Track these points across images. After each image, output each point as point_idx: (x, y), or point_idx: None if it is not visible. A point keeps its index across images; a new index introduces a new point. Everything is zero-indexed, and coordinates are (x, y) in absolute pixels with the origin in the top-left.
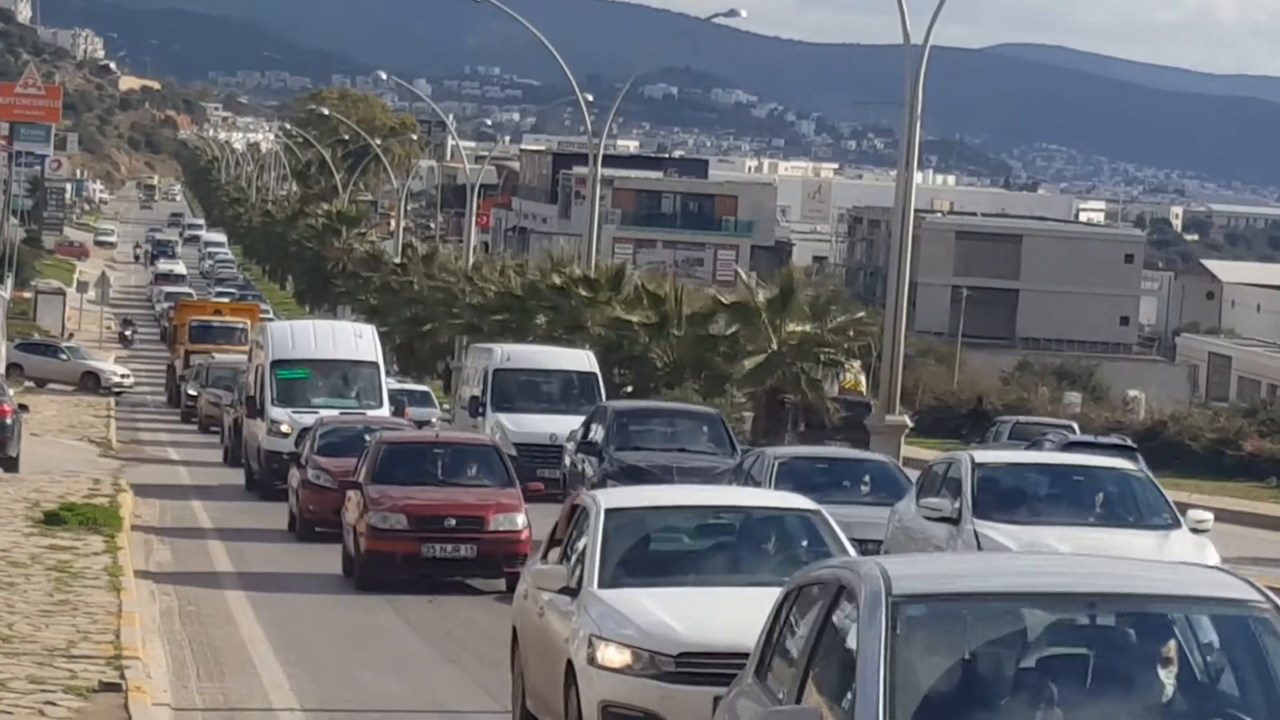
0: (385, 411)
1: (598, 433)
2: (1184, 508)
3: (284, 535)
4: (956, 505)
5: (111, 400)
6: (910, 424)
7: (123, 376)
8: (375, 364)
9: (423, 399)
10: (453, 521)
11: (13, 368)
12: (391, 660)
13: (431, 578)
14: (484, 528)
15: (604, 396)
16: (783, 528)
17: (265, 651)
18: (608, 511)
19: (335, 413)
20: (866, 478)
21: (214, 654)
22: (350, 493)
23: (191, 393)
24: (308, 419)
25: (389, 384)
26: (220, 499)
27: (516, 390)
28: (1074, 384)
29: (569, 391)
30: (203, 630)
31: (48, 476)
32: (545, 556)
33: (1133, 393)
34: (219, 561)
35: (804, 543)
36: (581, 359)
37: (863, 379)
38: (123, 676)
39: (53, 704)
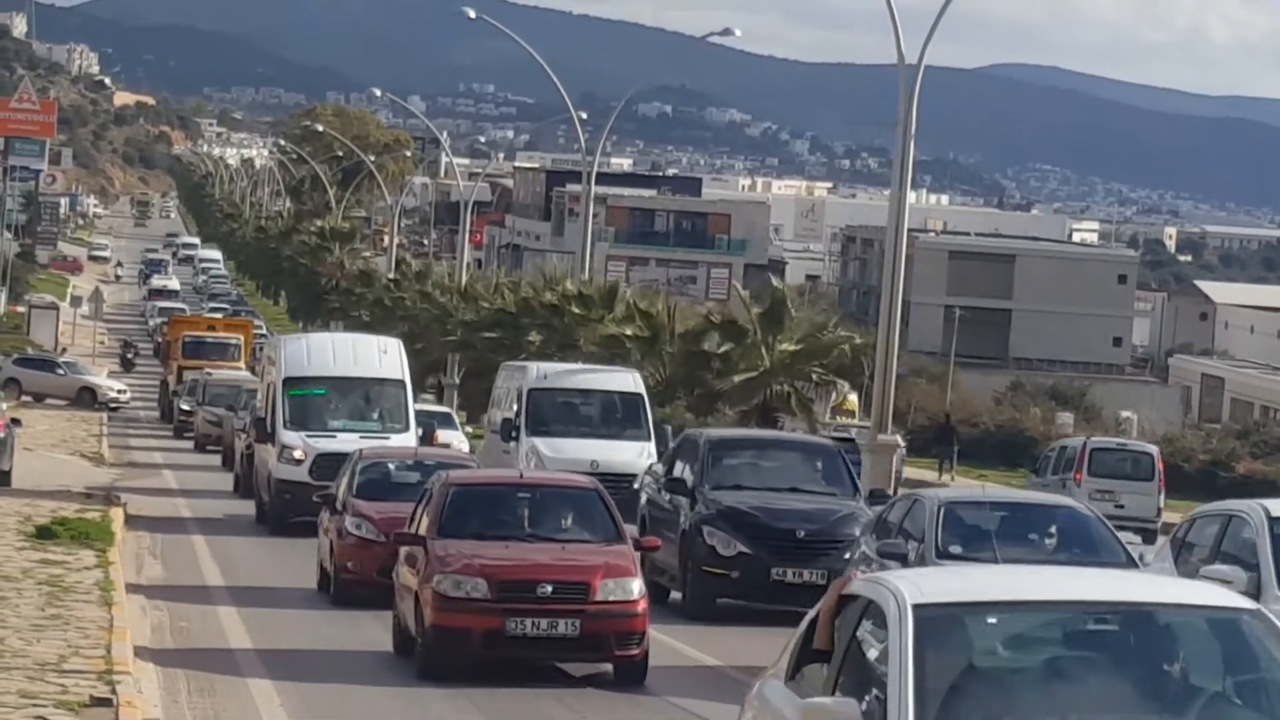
0: (412, 437)
1: (685, 468)
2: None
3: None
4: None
5: (104, 416)
6: (902, 443)
7: (119, 392)
8: (401, 382)
9: (444, 420)
10: (548, 589)
11: (10, 382)
12: None
13: (520, 661)
14: (589, 597)
15: (651, 420)
16: (1200, 636)
17: (256, 666)
18: (919, 613)
19: (370, 441)
20: (1053, 528)
21: (206, 669)
22: (406, 549)
23: (185, 408)
24: (324, 443)
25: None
26: (225, 533)
27: (554, 412)
28: (1066, 404)
29: (611, 414)
30: (194, 646)
31: (40, 490)
32: (796, 672)
33: (1125, 414)
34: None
35: (1229, 662)
36: (626, 379)
37: (854, 398)
38: (114, 691)
39: (44, 719)
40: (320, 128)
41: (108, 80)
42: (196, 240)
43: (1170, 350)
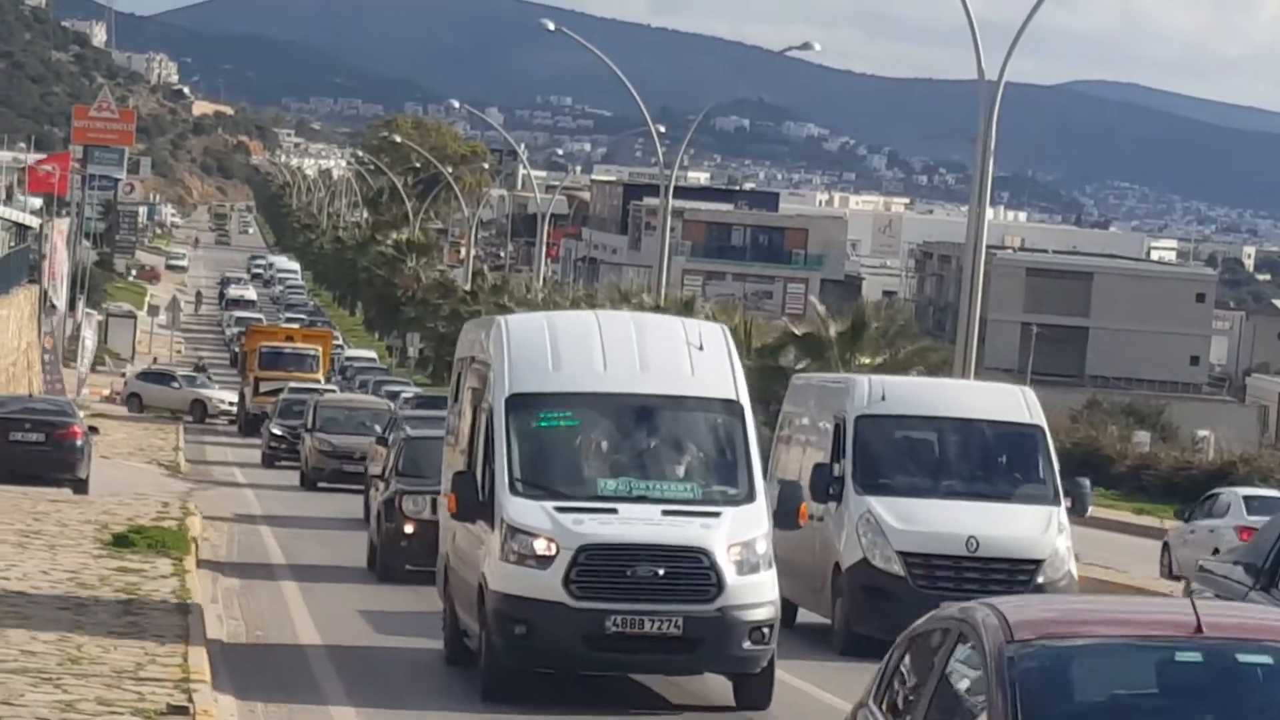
0: (763, 509)
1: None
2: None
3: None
4: None
5: (180, 427)
6: None
7: (230, 404)
8: (735, 405)
9: None
10: None
11: (132, 397)
12: None
13: None
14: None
15: (1057, 468)
16: None
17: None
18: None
19: (682, 521)
20: None
21: (281, 678)
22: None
23: (276, 432)
24: (593, 526)
25: None
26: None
27: (898, 457)
28: (1143, 423)
29: (992, 460)
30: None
31: (116, 499)
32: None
33: (1202, 433)
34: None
35: None
36: (1014, 402)
37: None
38: (190, 700)
39: None
40: (398, 139)
41: (186, 90)
42: (296, 268)
43: (1248, 369)
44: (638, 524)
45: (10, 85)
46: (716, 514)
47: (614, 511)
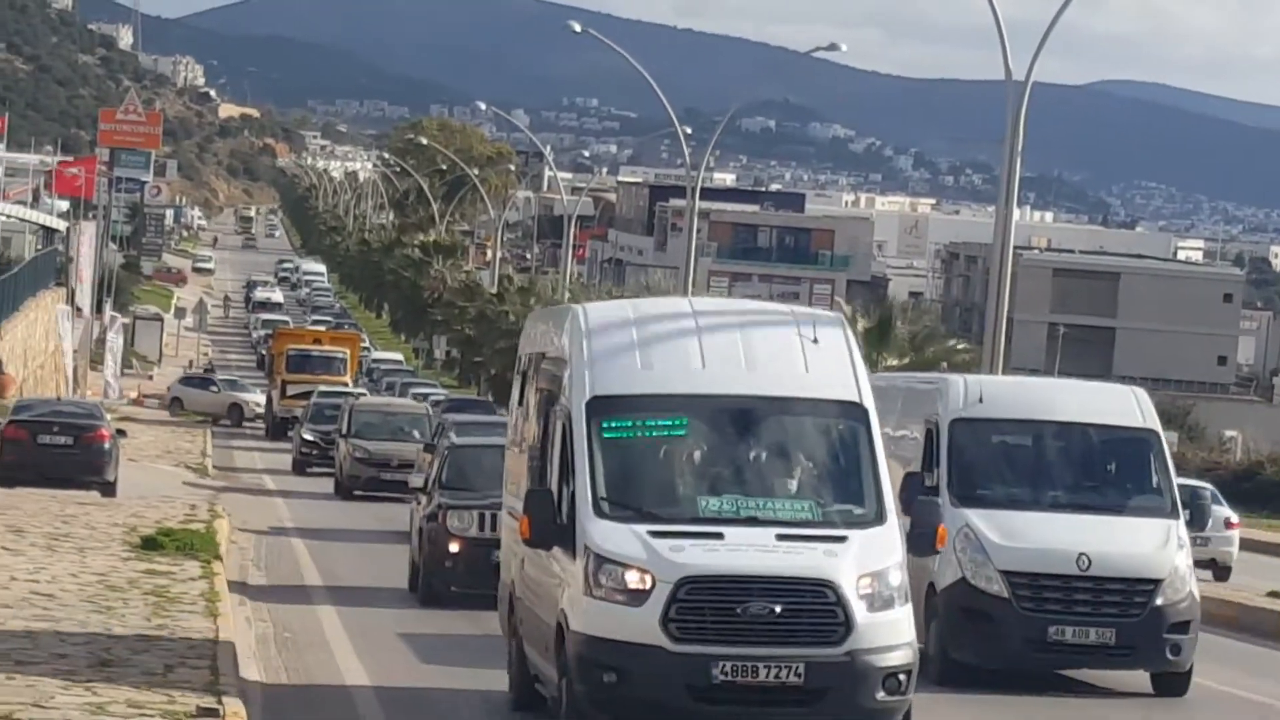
0: (895, 532)
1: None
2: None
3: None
4: None
5: (208, 431)
6: None
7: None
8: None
9: None
10: None
11: (175, 401)
12: None
13: None
14: None
15: (1174, 477)
16: None
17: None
18: None
19: (800, 550)
20: None
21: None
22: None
23: (308, 437)
24: (697, 555)
25: None
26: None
27: (996, 465)
28: (1170, 423)
29: (1100, 467)
30: (299, 657)
31: (144, 501)
32: None
33: (1229, 433)
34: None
35: None
36: (1124, 403)
37: None
38: (220, 702)
39: None
40: (424, 141)
41: (213, 92)
42: (321, 270)
43: (1275, 369)
44: (749, 551)
45: (37, 88)
46: (841, 538)
47: (719, 536)
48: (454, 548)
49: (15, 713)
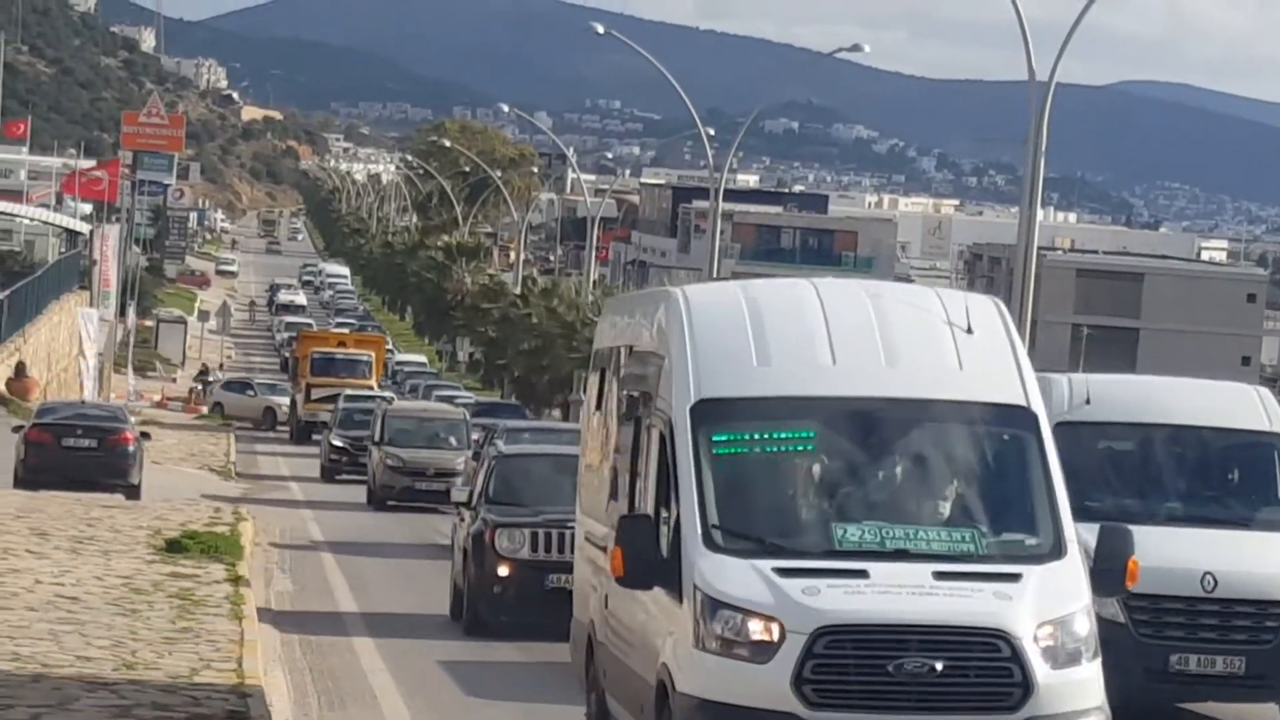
0: (1078, 567)
1: None
2: None
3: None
4: None
5: (231, 435)
6: None
7: None
8: (1019, 410)
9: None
10: None
11: (216, 405)
12: None
13: None
14: None
15: None
16: None
17: (385, 681)
18: None
19: (956, 591)
20: None
21: (335, 683)
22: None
23: (337, 443)
24: (836, 598)
25: None
26: None
27: (1106, 473)
28: None
29: (1223, 476)
30: (323, 659)
31: (169, 504)
32: None
33: None
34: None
35: None
36: (1247, 404)
37: None
38: (246, 704)
39: None
40: (447, 143)
41: (235, 95)
42: (346, 273)
43: None
44: (901, 593)
45: (60, 91)
46: (1014, 577)
47: (863, 575)
48: (503, 571)
49: (41, 716)
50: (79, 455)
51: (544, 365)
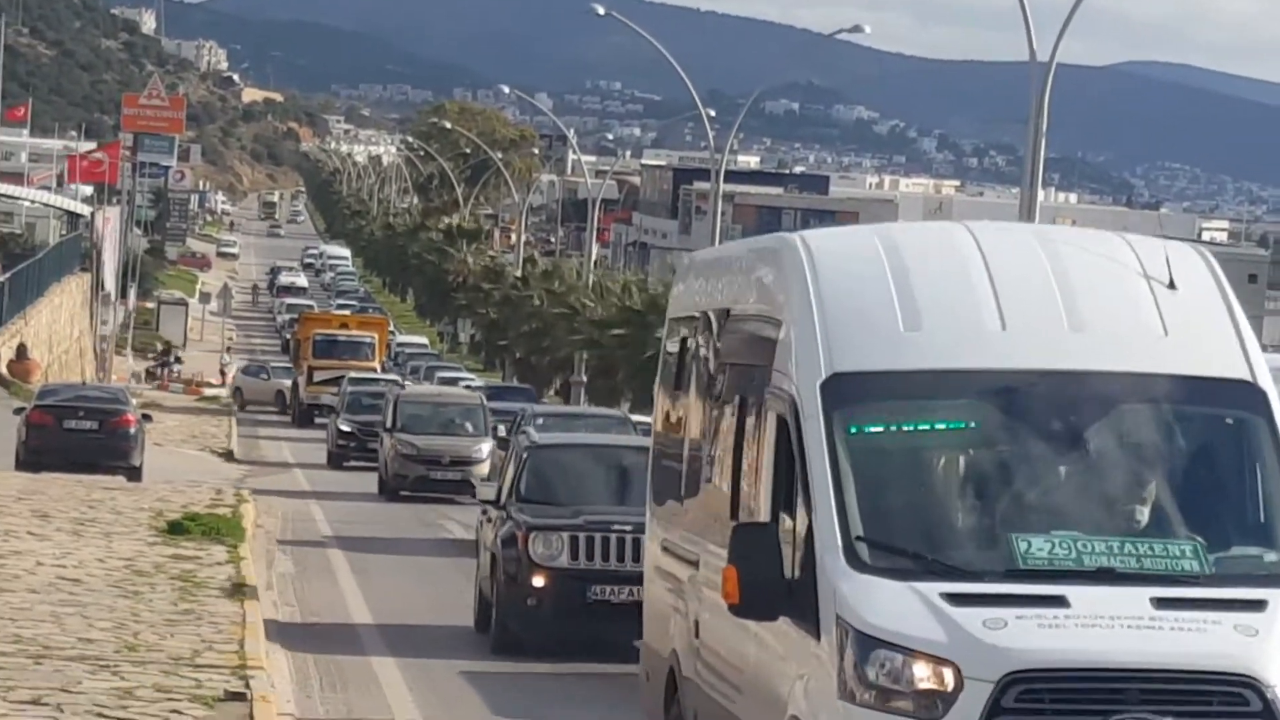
0: None
1: None
2: None
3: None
4: None
5: (233, 420)
6: None
7: None
8: (1242, 386)
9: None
10: None
11: (237, 391)
12: None
13: None
14: None
15: None
16: None
17: (389, 665)
18: None
19: (1182, 623)
20: None
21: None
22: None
23: (345, 428)
24: (1029, 633)
25: None
26: None
27: None
28: None
29: None
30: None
31: (170, 486)
32: None
33: None
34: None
35: None
36: None
37: None
38: (248, 686)
39: (179, 713)
40: (448, 125)
41: (236, 77)
42: (346, 254)
43: None
44: (1114, 627)
45: (60, 74)
46: (1257, 604)
47: (1060, 602)
48: (539, 581)
49: (43, 697)
50: (80, 437)
51: (545, 347)
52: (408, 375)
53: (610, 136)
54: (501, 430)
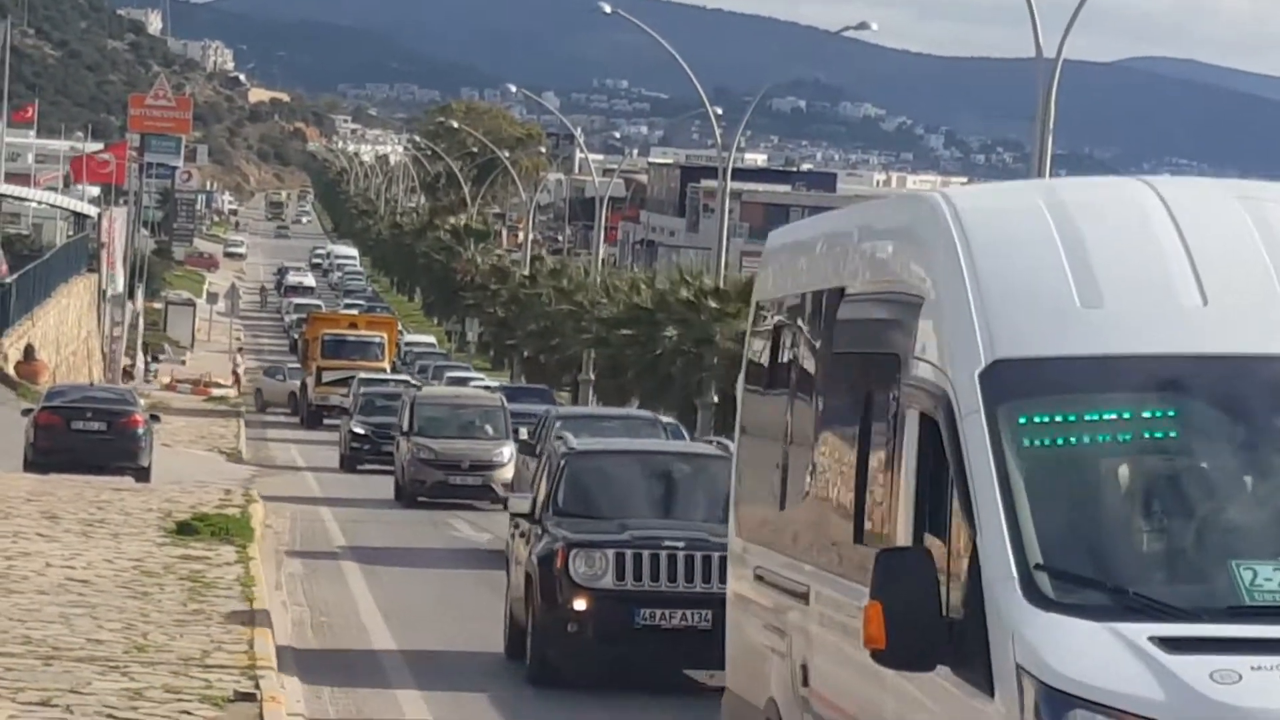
0: None
1: None
2: None
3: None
4: None
5: (241, 421)
6: None
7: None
8: None
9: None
10: None
11: (257, 393)
12: None
13: None
14: None
15: None
16: None
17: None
18: None
19: None
20: None
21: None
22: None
23: (359, 431)
24: (1267, 690)
25: None
26: None
27: None
28: None
29: None
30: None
31: (179, 487)
32: None
33: None
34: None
35: None
36: None
37: None
38: (257, 686)
39: (189, 713)
40: (455, 124)
41: (242, 77)
42: (354, 253)
43: None
44: None
45: (66, 74)
46: None
47: None
48: (580, 604)
49: (53, 699)
50: (89, 438)
51: (553, 345)
52: (416, 375)
53: (617, 135)
54: (523, 433)
